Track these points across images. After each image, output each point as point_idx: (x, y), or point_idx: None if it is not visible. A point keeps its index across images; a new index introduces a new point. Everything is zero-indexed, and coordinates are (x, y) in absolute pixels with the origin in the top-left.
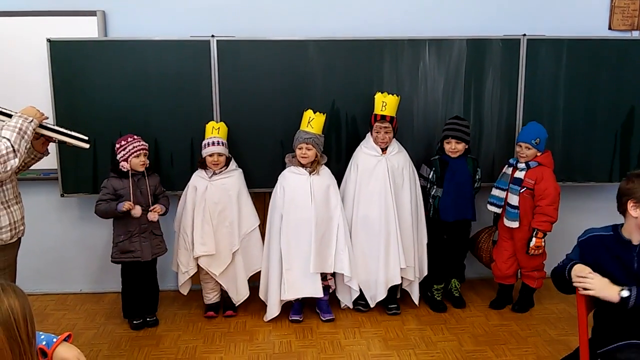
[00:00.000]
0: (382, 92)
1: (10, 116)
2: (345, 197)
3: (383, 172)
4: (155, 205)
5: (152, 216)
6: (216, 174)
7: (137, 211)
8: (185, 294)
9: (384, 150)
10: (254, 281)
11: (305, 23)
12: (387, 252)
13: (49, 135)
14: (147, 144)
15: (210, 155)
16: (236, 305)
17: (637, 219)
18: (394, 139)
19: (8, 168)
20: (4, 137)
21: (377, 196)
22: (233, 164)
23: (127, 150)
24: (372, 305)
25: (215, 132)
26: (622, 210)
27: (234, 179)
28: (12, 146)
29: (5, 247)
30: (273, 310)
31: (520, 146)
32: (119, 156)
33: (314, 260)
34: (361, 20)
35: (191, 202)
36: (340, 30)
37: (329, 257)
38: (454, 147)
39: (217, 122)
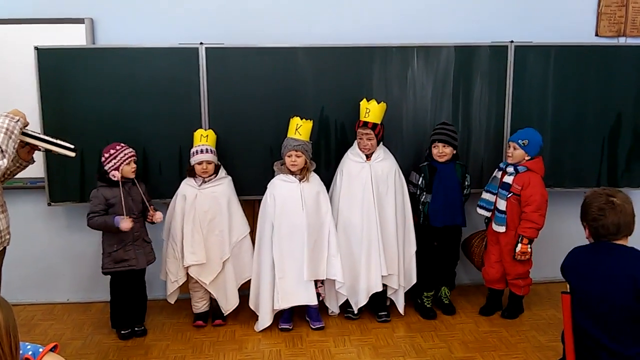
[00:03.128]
0: (368, 100)
1: None
2: (332, 203)
3: (366, 179)
4: (156, 213)
5: (158, 217)
6: (205, 182)
7: (127, 225)
8: (173, 302)
9: (368, 156)
10: (243, 290)
11: (293, 30)
12: (369, 259)
13: (35, 144)
14: (134, 150)
15: (199, 164)
16: (225, 314)
17: None
18: (382, 145)
19: None
20: None
21: (360, 202)
22: (222, 172)
23: (118, 158)
24: (355, 311)
25: (204, 139)
26: None
27: (223, 186)
28: (0, 147)
29: None
30: (265, 320)
31: (509, 145)
32: (108, 165)
33: (307, 267)
34: (350, 27)
35: (180, 210)
36: (329, 37)
37: (321, 264)
38: (441, 151)
39: (205, 129)
